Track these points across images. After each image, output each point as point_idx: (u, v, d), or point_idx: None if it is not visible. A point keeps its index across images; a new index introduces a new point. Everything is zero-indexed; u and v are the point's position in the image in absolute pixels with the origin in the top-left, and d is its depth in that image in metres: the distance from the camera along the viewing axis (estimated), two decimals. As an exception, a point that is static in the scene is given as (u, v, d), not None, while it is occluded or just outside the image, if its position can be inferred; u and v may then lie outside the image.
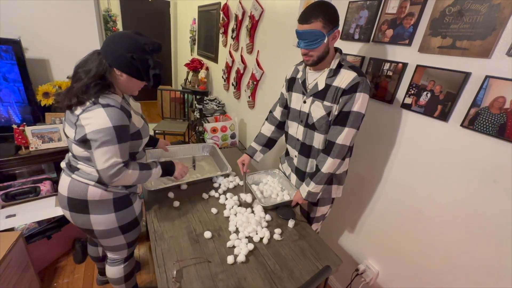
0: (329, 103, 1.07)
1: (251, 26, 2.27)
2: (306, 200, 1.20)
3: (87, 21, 2.13)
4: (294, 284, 0.93)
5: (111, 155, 0.89)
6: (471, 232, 0.98)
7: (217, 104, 3.05)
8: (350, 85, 1.01)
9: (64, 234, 1.68)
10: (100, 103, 0.89)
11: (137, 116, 1.05)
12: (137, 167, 0.99)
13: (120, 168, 0.91)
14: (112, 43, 0.92)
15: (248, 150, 1.44)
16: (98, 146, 0.88)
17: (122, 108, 0.93)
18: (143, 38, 0.94)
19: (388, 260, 1.34)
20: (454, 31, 0.95)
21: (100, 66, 0.91)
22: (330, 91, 1.06)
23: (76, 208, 1.02)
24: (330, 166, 1.10)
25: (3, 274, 1.21)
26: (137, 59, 0.92)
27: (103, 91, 0.92)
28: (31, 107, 1.86)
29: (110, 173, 0.90)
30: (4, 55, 1.71)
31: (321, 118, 1.10)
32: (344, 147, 1.07)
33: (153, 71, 0.96)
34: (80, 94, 0.89)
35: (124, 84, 0.97)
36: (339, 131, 1.06)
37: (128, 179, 0.96)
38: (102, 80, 0.91)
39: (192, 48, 4.19)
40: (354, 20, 1.32)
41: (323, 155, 1.12)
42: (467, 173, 0.97)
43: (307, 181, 1.18)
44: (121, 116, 0.91)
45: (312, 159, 1.22)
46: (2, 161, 1.66)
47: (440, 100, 1.01)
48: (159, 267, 0.92)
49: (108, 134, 0.87)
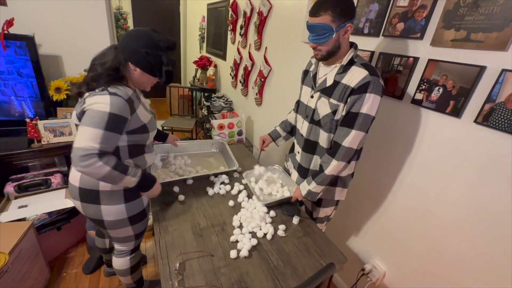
0: (335, 101, 1.03)
1: (260, 23, 2.25)
2: (305, 198, 1.17)
3: (98, 19, 2.18)
4: (297, 280, 0.92)
5: (91, 137, 0.85)
6: (484, 232, 0.94)
7: (225, 101, 3.06)
8: (359, 85, 0.95)
9: (73, 226, 1.73)
10: (108, 91, 0.91)
11: (145, 111, 1.06)
12: (110, 163, 0.88)
13: (92, 154, 0.84)
14: (128, 38, 0.96)
15: (272, 133, 1.45)
16: (85, 124, 0.86)
17: (129, 100, 0.94)
18: (159, 35, 0.97)
19: (396, 260, 1.31)
20: (468, 23, 0.91)
21: (115, 59, 0.94)
22: (337, 89, 1.02)
23: (87, 199, 1.04)
24: (334, 168, 1.06)
25: (14, 261, 1.25)
26: (151, 54, 0.95)
27: (114, 82, 0.94)
28: (43, 102, 1.91)
29: (80, 154, 0.83)
30: (18, 51, 1.76)
31: (326, 115, 1.07)
32: (350, 150, 1.02)
33: (165, 68, 0.99)
34: (90, 81, 0.92)
35: (137, 78, 1.00)
36: (346, 133, 1.01)
37: (96, 170, 0.86)
38: (114, 72, 0.94)
39: (201, 45, 4.21)
40: (364, 14, 1.29)
41: (328, 157, 1.08)
42: (481, 171, 0.94)
43: (308, 180, 1.15)
44: (122, 107, 0.91)
45: (317, 156, 1.19)
46: (16, 154, 1.72)
47: (453, 95, 0.98)
48: (162, 259, 0.93)
49: (100, 117, 0.86)
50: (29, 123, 1.73)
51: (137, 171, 0.99)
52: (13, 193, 1.65)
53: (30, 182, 1.72)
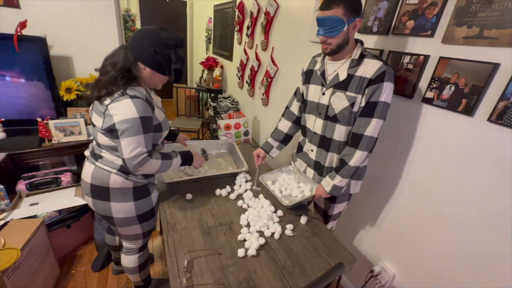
0: (352, 94, 1.04)
1: (266, 23, 2.26)
2: (331, 194, 1.16)
3: (107, 21, 2.22)
4: (306, 280, 0.91)
5: (137, 144, 0.93)
6: (498, 233, 0.92)
7: (231, 101, 3.07)
8: (376, 75, 0.98)
9: (82, 223, 1.75)
10: (128, 94, 0.93)
11: (158, 110, 1.08)
12: (159, 157, 1.03)
13: (145, 157, 0.96)
14: (137, 38, 0.96)
15: (264, 146, 1.42)
16: (125, 136, 0.92)
17: (147, 100, 0.97)
18: (167, 34, 0.97)
19: (406, 262, 1.29)
20: (481, 20, 0.89)
21: (126, 59, 0.95)
22: (353, 81, 1.04)
23: (98, 195, 1.05)
24: (359, 159, 1.07)
25: (26, 257, 1.28)
26: (160, 53, 0.95)
27: (130, 83, 0.96)
28: (54, 102, 1.95)
29: (135, 162, 0.94)
30: (30, 52, 1.80)
31: (344, 109, 1.07)
32: (372, 139, 1.05)
33: (174, 66, 0.99)
34: (108, 85, 0.93)
35: (147, 77, 1.01)
36: (367, 123, 1.03)
37: (151, 168, 1.00)
38: (128, 73, 0.95)
39: (208, 46, 4.24)
40: (373, 13, 1.27)
41: (350, 148, 1.09)
42: (495, 171, 0.91)
43: (331, 175, 1.15)
44: (146, 108, 0.95)
45: (331, 152, 1.19)
46: (27, 153, 1.75)
47: (465, 93, 0.96)
48: (171, 257, 0.93)
49: (134, 124, 0.92)
50: (40, 122, 1.77)
51: (173, 153, 1.12)
52: (24, 191, 1.68)
53: (41, 180, 1.75)
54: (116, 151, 1.01)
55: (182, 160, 1.14)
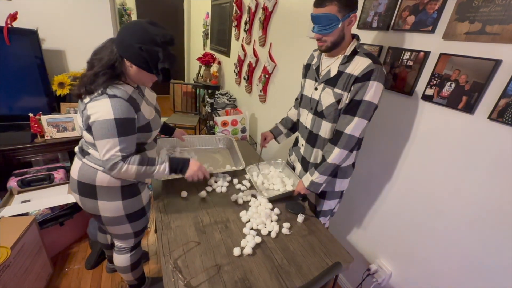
0: (339, 91, 1.03)
1: (264, 18, 2.22)
2: (308, 190, 1.15)
3: (102, 14, 2.16)
4: (302, 279, 0.89)
5: (110, 147, 0.88)
6: (497, 232, 0.91)
7: (229, 98, 3.03)
8: (363, 73, 0.96)
9: (75, 221, 1.72)
10: (107, 93, 0.88)
11: (148, 107, 1.03)
12: (136, 162, 0.93)
13: (116, 162, 0.90)
14: (123, 32, 0.89)
15: (273, 129, 1.42)
16: (99, 138, 0.88)
17: (130, 100, 0.91)
18: (155, 29, 0.88)
19: (403, 260, 1.28)
20: (484, 15, 0.87)
21: (111, 54, 0.89)
22: (341, 78, 1.03)
23: (85, 192, 1.02)
24: (337, 156, 1.06)
25: (17, 256, 1.25)
26: (146, 50, 0.87)
27: (111, 81, 0.90)
28: (46, 97, 1.90)
29: (108, 165, 0.90)
30: (21, 45, 1.75)
31: (330, 105, 1.07)
32: (352, 137, 1.03)
33: (161, 65, 0.90)
34: (88, 83, 0.88)
35: (134, 75, 0.94)
36: (349, 121, 1.02)
37: (126, 174, 0.93)
38: (111, 70, 0.89)
39: (205, 42, 4.19)
40: (373, 8, 1.25)
41: (330, 145, 1.08)
42: (495, 170, 0.90)
43: (311, 171, 1.15)
44: (126, 109, 0.89)
45: (317, 149, 1.19)
46: (19, 149, 1.71)
47: (466, 90, 0.94)
48: (165, 256, 0.91)
49: (108, 127, 0.86)
50: (32, 118, 1.73)
51: (165, 159, 1.02)
52: (16, 187, 1.64)
53: (33, 177, 1.71)
54: None
55: (171, 167, 1.01)
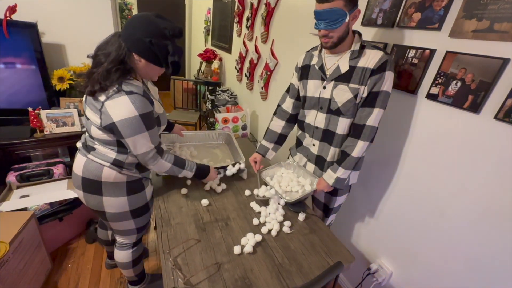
0: (355, 85, 1.03)
1: (267, 14, 2.19)
2: (333, 187, 1.15)
3: (103, 8, 2.14)
4: (303, 278, 0.89)
5: (144, 142, 0.93)
6: (501, 233, 0.90)
7: (230, 95, 3.01)
8: (378, 64, 0.98)
9: (75, 216, 1.71)
10: (124, 90, 0.87)
11: (156, 102, 1.03)
12: (171, 160, 1.05)
13: (154, 155, 0.97)
14: (131, 26, 0.88)
15: (259, 149, 1.38)
16: (128, 135, 0.89)
17: (145, 94, 0.92)
18: (164, 22, 0.89)
19: (404, 260, 1.27)
20: (492, 13, 0.86)
21: (119, 49, 0.88)
22: (356, 73, 1.02)
23: (89, 189, 1.01)
24: (361, 149, 1.07)
25: (15, 251, 1.24)
26: (156, 44, 0.87)
27: (125, 77, 0.90)
28: (46, 91, 1.88)
29: (146, 158, 0.96)
30: (21, 39, 1.73)
31: (347, 101, 1.06)
32: (374, 128, 1.05)
33: (171, 58, 0.92)
34: (102, 80, 0.86)
35: (143, 69, 0.94)
36: (368, 113, 1.03)
37: (161, 168, 1.04)
38: (122, 65, 0.88)
39: (206, 38, 4.15)
40: (378, 4, 1.23)
41: (352, 139, 1.08)
42: (500, 170, 0.89)
43: (333, 167, 1.13)
44: (145, 103, 0.90)
45: (334, 147, 1.17)
46: (18, 143, 1.70)
47: (472, 89, 0.92)
48: (164, 253, 0.90)
49: (136, 123, 0.88)
50: (32, 112, 1.71)
51: (192, 165, 1.13)
52: (15, 182, 1.63)
53: (32, 172, 1.70)
54: (110, 144, 0.97)
55: (196, 174, 1.14)
